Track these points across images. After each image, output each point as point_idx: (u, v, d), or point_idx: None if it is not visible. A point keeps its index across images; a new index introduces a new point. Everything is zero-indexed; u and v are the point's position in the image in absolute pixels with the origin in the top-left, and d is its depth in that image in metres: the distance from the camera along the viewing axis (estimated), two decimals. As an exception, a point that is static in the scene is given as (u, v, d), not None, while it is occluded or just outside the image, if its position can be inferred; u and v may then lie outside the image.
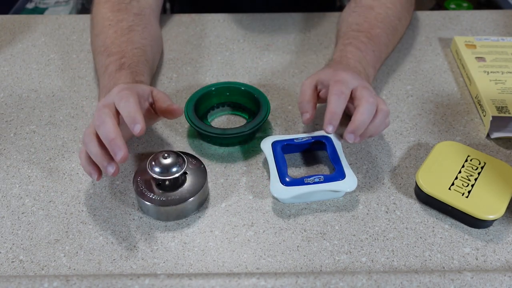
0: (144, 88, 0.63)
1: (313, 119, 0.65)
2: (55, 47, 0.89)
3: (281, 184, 0.60)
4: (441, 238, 0.58)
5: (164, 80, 0.82)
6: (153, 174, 0.58)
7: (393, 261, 0.56)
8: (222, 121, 0.74)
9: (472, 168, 0.62)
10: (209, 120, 0.74)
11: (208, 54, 0.87)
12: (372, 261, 0.56)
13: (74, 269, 0.55)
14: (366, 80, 0.68)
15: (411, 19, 0.86)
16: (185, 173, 0.60)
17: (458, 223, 0.59)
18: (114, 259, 0.56)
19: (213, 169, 0.66)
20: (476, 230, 0.59)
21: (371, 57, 0.72)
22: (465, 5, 1.77)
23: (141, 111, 0.58)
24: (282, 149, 0.64)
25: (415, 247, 0.57)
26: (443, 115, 0.75)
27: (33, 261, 0.56)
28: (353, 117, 0.60)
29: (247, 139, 0.70)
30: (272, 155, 0.64)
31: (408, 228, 0.59)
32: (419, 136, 0.71)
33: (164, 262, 0.56)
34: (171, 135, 0.71)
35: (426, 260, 0.56)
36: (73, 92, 0.79)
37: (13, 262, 0.56)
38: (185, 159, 0.60)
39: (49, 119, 0.74)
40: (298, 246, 0.58)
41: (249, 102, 0.73)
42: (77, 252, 0.57)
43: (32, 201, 0.63)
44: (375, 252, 0.57)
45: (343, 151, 0.66)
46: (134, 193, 0.62)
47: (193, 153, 0.68)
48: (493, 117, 0.69)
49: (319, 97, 0.67)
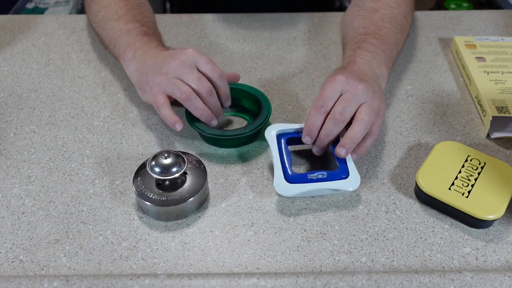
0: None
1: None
2: (55, 47, 0.89)
3: (284, 180, 0.60)
4: (441, 238, 0.58)
5: (164, 80, 0.82)
6: (153, 174, 0.58)
7: (393, 261, 0.56)
8: (223, 122, 0.74)
9: (472, 168, 0.62)
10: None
11: (208, 54, 0.87)
12: (372, 261, 0.56)
13: (74, 269, 0.55)
14: (375, 81, 0.67)
15: (413, 18, 0.86)
16: (185, 173, 0.60)
17: (458, 223, 0.59)
18: (114, 259, 0.56)
19: (213, 169, 0.66)
20: (476, 230, 0.59)
21: (382, 57, 0.72)
22: (465, 5, 1.77)
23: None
24: (287, 142, 0.64)
25: (415, 247, 0.57)
26: (443, 115, 0.75)
27: (33, 261, 0.56)
28: (346, 134, 0.62)
29: (248, 141, 0.69)
30: (276, 147, 0.63)
31: (408, 228, 0.59)
32: (419, 136, 0.71)
33: (164, 262, 0.56)
34: (171, 135, 0.71)
35: (426, 260, 0.56)
36: (73, 92, 0.79)
37: (13, 262, 0.56)
38: (185, 159, 0.60)
39: (49, 119, 0.74)
40: (298, 246, 0.58)
41: (250, 103, 0.73)
42: (77, 252, 0.57)
43: (32, 201, 0.63)
44: (375, 252, 0.57)
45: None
46: (134, 193, 0.62)
47: (193, 153, 0.68)
48: (493, 117, 0.69)
49: None
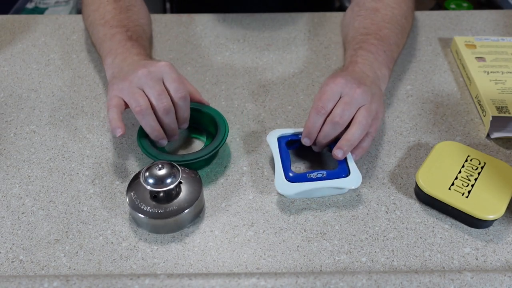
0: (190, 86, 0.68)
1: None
2: (55, 47, 0.89)
3: (285, 179, 0.61)
4: (441, 238, 0.58)
5: (164, 80, 0.82)
6: (147, 186, 0.56)
7: (393, 261, 0.56)
8: (178, 145, 0.70)
9: (472, 168, 0.62)
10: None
11: (208, 54, 0.87)
12: (372, 261, 0.56)
13: (74, 269, 0.55)
14: (375, 84, 0.67)
15: (413, 18, 0.86)
16: (180, 182, 0.59)
17: (458, 223, 0.59)
18: (114, 259, 0.56)
19: (213, 169, 0.66)
20: (476, 230, 0.59)
21: (383, 58, 0.71)
22: (465, 5, 1.77)
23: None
24: (287, 144, 0.65)
25: (415, 247, 0.57)
26: (443, 115, 0.75)
27: (33, 261, 0.56)
28: (343, 136, 0.62)
29: (204, 165, 0.67)
30: (277, 149, 0.64)
31: (408, 228, 0.59)
32: (419, 136, 0.71)
33: (164, 262, 0.56)
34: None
35: (426, 260, 0.56)
36: (73, 92, 0.79)
37: (13, 262, 0.56)
38: (180, 169, 0.58)
39: (49, 119, 0.74)
40: (298, 246, 0.58)
41: (207, 124, 0.69)
42: (77, 252, 0.57)
43: (32, 201, 0.63)
44: (375, 252, 0.57)
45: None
46: (127, 205, 0.60)
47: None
48: (493, 117, 0.69)
49: None
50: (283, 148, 0.64)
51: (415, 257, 0.56)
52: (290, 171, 0.61)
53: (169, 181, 0.56)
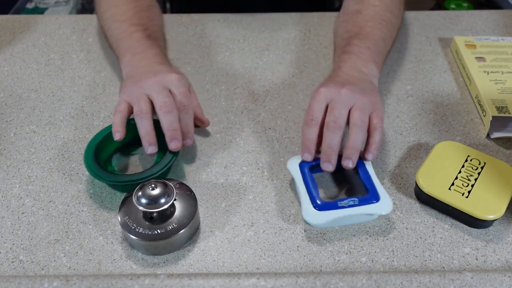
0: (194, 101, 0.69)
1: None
2: (55, 47, 0.89)
3: (313, 208, 0.57)
4: (441, 238, 0.58)
5: (164, 80, 0.81)
6: (139, 206, 0.54)
7: (393, 261, 0.56)
8: (128, 164, 0.68)
9: (472, 168, 0.62)
10: (113, 164, 0.67)
11: (208, 54, 0.87)
12: (372, 261, 0.56)
13: (74, 269, 0.55)
14: (364, 80, 0.67)
15: (404, 7, 0.86)
16: (174, 199, 0.56)
17: (458, 223, 0.59)
18: (114, 259, 0.56)
19: (213, 169, 0.67)
20: (476, 230, 0.59)
21: (367, 55, 0.71)
22: (465, 5, 1.77)
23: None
24: (310, 169, 0.62)
25: (415, 247, 0.57)
26: (443, 115, 0.75)
27: (33, 261, 0.56)
28: (346, 144, 0.61)
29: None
30: (300, 176, 0.61)
31: (408, 228, 0.59)
32: (419, 136, 0.71)
33: (164, 262, 0.56)
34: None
35: (426, 260, 0.56)
36: (73, 92, 0.79)
37: (13, 262, 0.56)
38: (173, 187, 0.56)
39: (49, 119, 0.74)
40: (298, 246, 0.58)
41: (157, 139, 0.65)
42: (77, 252, 0.57)
43: (32, 201, 0.63)
44: (375, 252, 0.57)
45: (374, 170, 0.63)
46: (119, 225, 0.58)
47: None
48: (493, 117, 0.69)
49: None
50: (308, 174, 0.61)
51: (415, 257, 0.56)
52: (318, 199, 0.58)
53: (163, 201, 0.54)
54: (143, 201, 0.54)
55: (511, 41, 0.85)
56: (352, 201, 0.58)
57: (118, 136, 0.63)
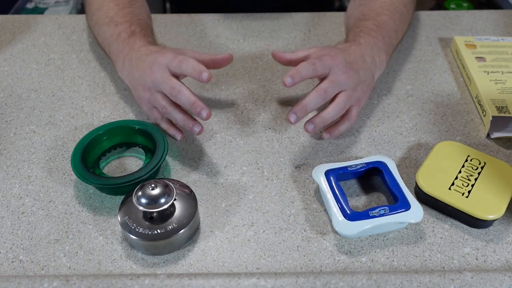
0: (182, 49, 0.70)
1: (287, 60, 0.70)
2: (55, 47, 0.89)
3: (344, 218, 0.56)
4: (441, 238, 0.58)
5: (164, 80, 0.81)
6: (139, 206, 0.54)
7: (393, 261, 0.56)
8: (116, 166, 0.67)
9: (472, 168, 0.62)
10: (101, 166, 0.67)
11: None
12: (372, 261, 0.56)
13: (74, 269, 0.55)
14: (369, 70, 0.69)
15: (414, 7, 0.86)
16: (174, 199, 0.56)
17: (458, 223, 0.59)
18: (114, 259, 0.56)
19: (213, 169, 0.66)
20: (476, 230, 0.59)
21: (382, 44, 0.73)
22: (465, 5, 1.77)
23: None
24: (337, 178, 0.61)
25: (415, 247, 0.57)
26: (443, 115, 0.75)
27: (33, 261, 0.56)
28: (319, 112, 0.66)
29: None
30: (327, 186, 0.60)
31: (408, 228, 0.59)
32: (419, 136, 0.71)
33: (164, 262, 0.56)
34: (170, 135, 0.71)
35: (426, 260, 0.56)
36: (73, 92, 0.79)
37: (13, 262, 0.56)
38: (173, 187, 0.56)
39: (49, 119, 0.74)
40: (298, 246, 0.58)
41: (145, 140, 0.68)
42: (77, 252, 0.57)
43: (32, 201, 0.63)
44: (375, 252, 0.57)
45: (401, 177, 0.62)
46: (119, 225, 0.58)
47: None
48: (493, 117, 0.69)
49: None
50: (336, 183, 0.60)
51: (415, 257, 0.56)
52: (348, 209, 0.57)
53: (163, 200, 0.54)
54: (143, 201, 0.54)
55: (511, 41, 0.85)
56: (383, 210, 0.57)
57: (178, 137, 0.69)
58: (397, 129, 0.72)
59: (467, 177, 0.61)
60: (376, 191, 0.64)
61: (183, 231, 0.55)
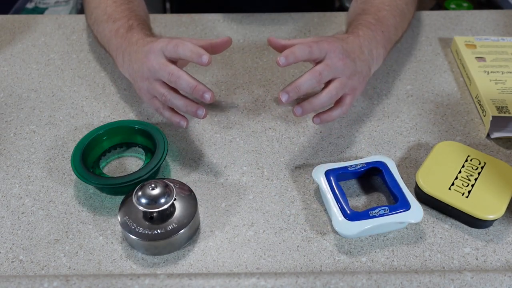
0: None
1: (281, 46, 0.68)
2: (55, 47, 0.89)
3: (344, 218, 0.56)
4: (441, 238, 0.58)
5: (164, 80, 0.81)
6: (139, 206, 0.54)
7: (393, 261, 0.56)
8: (116, 166, 0.67)
9: (472, 168, 0.62)
10: (101, 166, 0.67)
11: (208, 54, 0.87)
12: (372, 261, 0.56)
13: (74, 269, 0.55)
14: (366, 62, 0.68)
15: (416, 6, 0.86)
16: (174, 199, 0.56)
17: (458, 223, 0.59)
18: (114, 259, 0.56)
19: (213, 169, 0.67)
20: (476, 230, 0.59)
21: (381, 38, 0.72)
22: (465, 5, 1.77)
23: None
24: (337, 178, 0.61)
25: (415, 247, 0.57)
26: (443, 115, 0.75)
27: (33, 261, 0.56)
28: (310, 98, 0.64)
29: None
30: (327, 186, 0.60)
31: (408, 228, 0.59)
32: (419, 136, 0.71)
33: (164, 262, 0.56)
34: (170, 135, 0.71)
35: (426, 260, 0.56)
36: (73, 92, 0.79)
37: (13, 262, 0.56)
38: (173, 188, 0.56)
39: (49, 119, 0.74)
40: (298, 246, 0.58)
41: (145, 140, 0.68)
42: (77, 252, 0.57)
43: (32, 201, 0.63)
44: (375, 252, 0.57)
45: (401, 177, 0.62)
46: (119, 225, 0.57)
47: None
48: (493, 117, 0.69)
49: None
50: (336, 183, 0.60)
51: (415, 257, 0.56)
52: (348, 209, 0.57)
53: (163, 200, 0.54)
54: (143, 201, 0.54)
55: (511, 41, 0.85)
56: (383, 209, 0.57)
57: (183, 123, 0.66)
58: (397, 129, 0.72)
59: (467, 177, 0.61)
60: (376, 191, 0.64)
61: (183, 231, 0.55)
